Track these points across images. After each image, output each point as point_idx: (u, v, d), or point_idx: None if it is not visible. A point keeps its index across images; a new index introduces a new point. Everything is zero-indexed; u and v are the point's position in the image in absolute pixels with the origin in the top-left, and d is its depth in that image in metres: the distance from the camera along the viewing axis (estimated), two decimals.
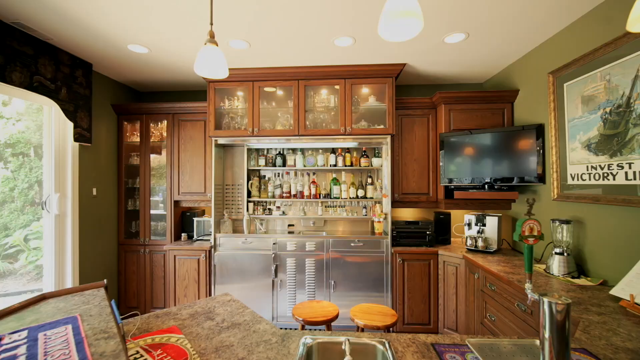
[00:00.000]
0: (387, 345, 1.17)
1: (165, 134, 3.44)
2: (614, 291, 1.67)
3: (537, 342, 1.17)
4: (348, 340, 1.07)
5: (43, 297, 1.27)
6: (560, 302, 0.91)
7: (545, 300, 0.92)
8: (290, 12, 2.09)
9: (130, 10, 2.06)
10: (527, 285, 1.09)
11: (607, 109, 1.91)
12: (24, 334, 0.97)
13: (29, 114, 3.33)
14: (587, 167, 2.07)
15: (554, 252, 2.16)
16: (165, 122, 3.41)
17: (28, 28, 2.25)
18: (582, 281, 1.98)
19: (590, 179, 2.05)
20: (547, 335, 0.92)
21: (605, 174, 1.93)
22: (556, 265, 2.12)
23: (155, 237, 3.43)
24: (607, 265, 1.95)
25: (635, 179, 1.74)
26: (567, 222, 2.16)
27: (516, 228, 1.10)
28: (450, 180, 2.97)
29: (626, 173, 1.79)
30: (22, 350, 0.87)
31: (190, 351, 1.11)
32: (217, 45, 1.29)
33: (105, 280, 1.37)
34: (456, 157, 2.96)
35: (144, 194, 3.42)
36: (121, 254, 3.43)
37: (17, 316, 1.11)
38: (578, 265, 2.13)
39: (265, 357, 1.09)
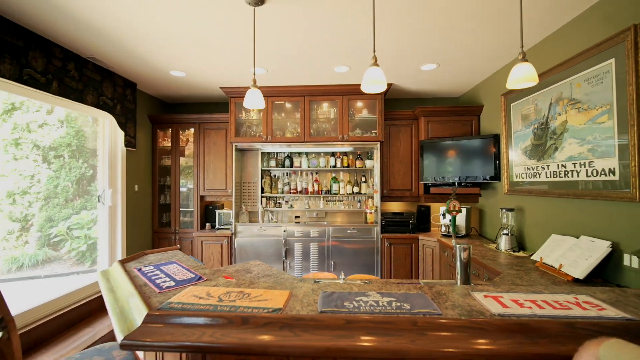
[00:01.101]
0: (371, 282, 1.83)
1: (192, 140, 4.11)
2: (533, 257, 2.35)
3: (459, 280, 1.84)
4: (343, 278, 1.74)
5: (143, 254, 1.93)
6: (465, 246, 1.58)
7: (458, 246, 1.59)
8: (300, 47, 2.76)
9: (176, 47, 2.72)
10: (454, 241, 1.76)
11: (536, 125, 2.58)
12: (151, 267, 1.63)
13: (68, 121, 3.99)
14: (524, 168, 2.74)
15: (502, 233, 2.84)
16: (193, 130, 4.07)
17: (98, 60, 2.92)
18: (519, 253, 2.65)
19: (526, 178, 2.73)
20: (458, 264, 1.59)
21: (535, 174, 2.60)
22: (503, 243, 2.80)
23: (183, 226, 4.10)
24: (537, 241, 2.63)
25: (550, 177, 2.41)
26: (511, 210, 2.84)
27: (446, 205, 1.77)
28: (428, 179, 3.65)
29: (546, 173, 2.46)
30: (158, 273, 1.54)
31: None
32: (258, 88, 1.95)
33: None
34: (433, 160, 3.63)
35: (174, 190, 4.09)
36: (155, 240, 4.09)
37: (135, 262, 1.77)
38: (519, 243, 2.81)
39: None
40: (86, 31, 2.38)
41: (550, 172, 2.42)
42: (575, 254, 2.00)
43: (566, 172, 2.25)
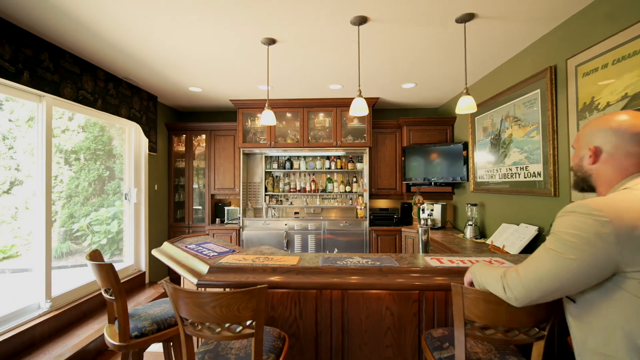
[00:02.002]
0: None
1: (203, 145, 4.66)
2: (487, 241, 2.96)
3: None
4: (336, 250, 2.31)
5: (182, 237, 2.48)
6: (425, 229, 2.17)
7: (420, 229, 2.19)
8: (300, 70, 3.33)
9: (196, 69, 3.27)
10: (418, 226, 2.35)
11: (492, 136, 3.20)
12: (194, 245, 2.20)
13: (87, 127, 4.50)
14: (485, 170, 3.36)
15: (467, 224, 3.45)
16: (204, 136, 4.62)
17: (131, 80, 3.46)
18: (480, 240, 3.26)
19: (486, 178, 3.34)
20: (420, 242, 2.18)
21: (492, 175, 3.22)
22: (468, 232, 3.41)
23: (195, 221, 4.64)
24: (493, 229, 3.24)
25: (502, 178, 3.03)
26: (475, 205, 3.45)
27: (412, 200, 2.36)
28: (409, 179, 4.26)
29: (499, 175, 3.08)
30: (200, 249, 2.10)
31: None
32: (271, 110, 2.52)
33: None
34: (413, 163, 4.24)
35: (188, 189, 4.63)
36: (170, 233, 4.63)
37: (179, 243, 2.32)
38: (481, 231, 3.43)
39: None
40: (124, 56, 2.92)
41: (501, 174, 3.04)
42: (514, 237, 2.62)
43: (512, 174, 2.87)
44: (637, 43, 1.68)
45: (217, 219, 4.64)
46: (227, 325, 1.16)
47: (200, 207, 4.71)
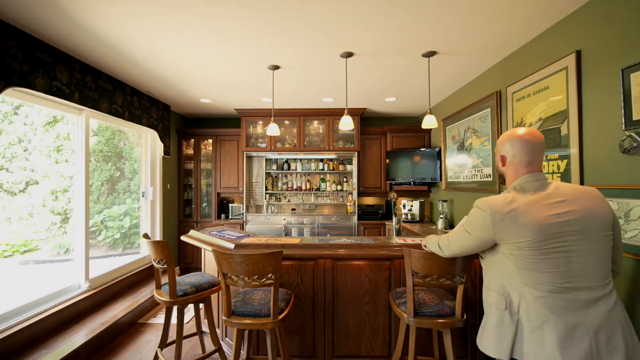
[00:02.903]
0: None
1: (210, 148, 5.21)
2: None
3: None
4: (329, 234, 2.91)
5: (204, 227, 3.05)
6: (397, 219, 2.78)
7: (394, 218, 2.80)
8: (298, 87, 3.91)
9: (208, 85, 3.83)
10: (394, 217, 2.96)
11: (458, 144, 3.84)
12: (215, 232, 2.76)
13: (100, 131, 5.00)
14: (453, 172, 3.99)
15: (439, 217, 4.08)
16: (211, 140, 5.17)
17: (151, 93, 4.00)
18: (448, 230, 3.90)
19: (454, 179, 3.98)
20: (394, 229, 2.79)
21: (458, 176, 3.86)
22: (440, 223, 4.04)
23: (203, 217, 5.18)
24: (459, 221, 3.87)
25: (465, 179, 3.66)
26: (445, 201, 4.09)
27: (388, 196, 2.96)
28: (392, 179, 4.88)
29: (463, 176, 3.71)
30: (222, 234, 2.67)
31: None
32: (277, 125, 3.10)
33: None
34: (396, 165, 4.87)
35: (196, 188, 5.18)
36: (180, 227, 5.17)
37: (203, 230, 2.88)
38: (450, 224, 4.07)
39: None
40: (148, 74, 3.45)
41: (465, 175, 3.67)
42: None
43: (472, 175, 3.50)
44: (545, 82, 2.31)
45: (222, 215, 5.20)
46: (255, 277, 1.75)
47: (206, 204, 5.25)
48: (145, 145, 4.48)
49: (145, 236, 2.28)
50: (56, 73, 2.63)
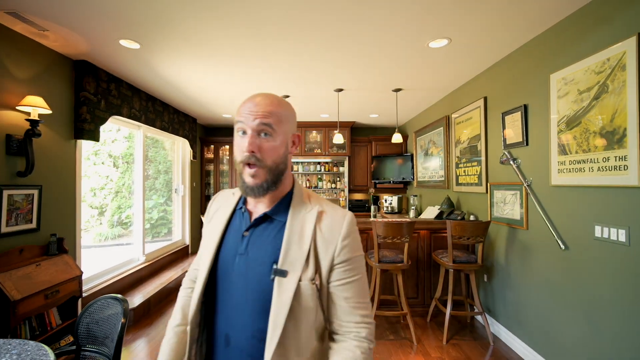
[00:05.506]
0: None
1: (228, 153, 6.30)
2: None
3: None
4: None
5: None
6: (375, 207, 3.92)
7: (372, 207, 3.93)
8: (301, 105, 5.03)
9: (232, 104, 4.93)
10: (372, 207, 4.09)
11: (424, 151, 4.99)
12: None
13: (130, 137, 6.06)
14: (421, 173, 5.15)
15: (411, 209, 5.23)
16: (228, 146, 6.27)
17: (186, 111, 5.09)
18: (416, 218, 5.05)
19: (422, 179, 5.13)
20: (372, 213, 3.93)
21: (424, 176, 5.01)
22: (411, 213, 5.19)
23: None
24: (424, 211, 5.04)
25: (429, 178, 4.82)
26: (416, 196, 5.25)
27: (368, 192, 4.09)
28: (377, 179, 6.03)
29: (428, 176, 4.87)
30: None
31: None
32: None
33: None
34: (379, 167, 6.01)
35: (215, 186, 6.27)
36: (201, 220, 6.24)
37: None
38: (419, 213, 5.23)
39: None
40: (189, 99, 4.55)
41: (428, 176, 4.83)
42: (430, 213, 4.40)
43: (432, 176, 4.66)
44: (470, 114, 3.47)
45: None
46: None
47: None
48: (177, 151, 5.56)
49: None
50: (133, 103, 3.73)
